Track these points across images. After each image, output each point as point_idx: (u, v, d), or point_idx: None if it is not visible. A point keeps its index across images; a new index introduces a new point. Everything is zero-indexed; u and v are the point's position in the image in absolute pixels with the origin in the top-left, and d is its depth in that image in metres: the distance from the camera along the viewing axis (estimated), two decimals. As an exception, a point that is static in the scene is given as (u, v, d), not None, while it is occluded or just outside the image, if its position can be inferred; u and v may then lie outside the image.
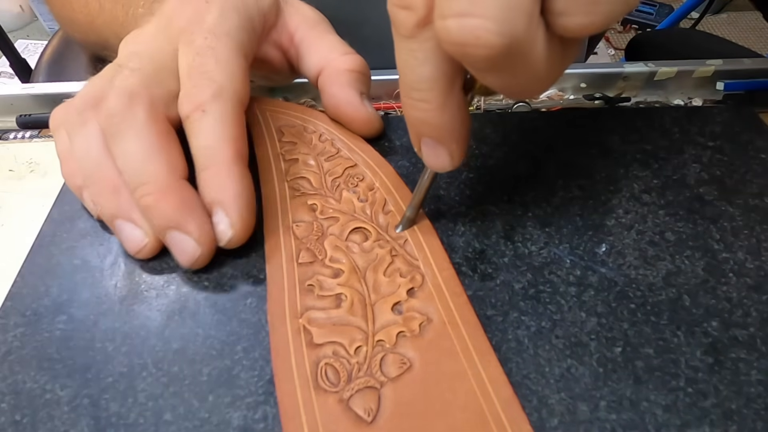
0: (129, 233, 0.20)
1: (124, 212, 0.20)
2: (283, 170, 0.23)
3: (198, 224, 0.19)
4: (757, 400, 0.16)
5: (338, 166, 0.23)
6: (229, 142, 0.20)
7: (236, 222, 0.19)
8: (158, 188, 0.19)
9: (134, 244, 0.20)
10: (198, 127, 0.20)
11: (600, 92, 0.31)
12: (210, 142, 0.20)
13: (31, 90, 0.30)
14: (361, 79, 0.24)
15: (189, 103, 0.20)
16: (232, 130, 0.20)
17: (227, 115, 0.20)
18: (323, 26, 0.25)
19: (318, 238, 0.20)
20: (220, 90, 0.20)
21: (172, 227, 0.19)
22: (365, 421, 0.15)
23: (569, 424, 0.16)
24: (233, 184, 0.19)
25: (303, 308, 0.18)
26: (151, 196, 0.19)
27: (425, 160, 0.18)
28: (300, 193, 0.22)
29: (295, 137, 0.24)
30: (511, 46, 0.13)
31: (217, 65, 0.21)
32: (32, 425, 0.16)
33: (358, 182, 0.22)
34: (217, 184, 0.19)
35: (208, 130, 0.20)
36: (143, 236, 0.20)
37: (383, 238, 0.20)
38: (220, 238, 0.19)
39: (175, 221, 0.19)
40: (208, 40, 0.21)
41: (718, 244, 0.20)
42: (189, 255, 0.19)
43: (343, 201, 0.22)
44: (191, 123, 0.20)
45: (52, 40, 0.61)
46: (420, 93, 0.16)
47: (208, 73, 0.21)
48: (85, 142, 0.20)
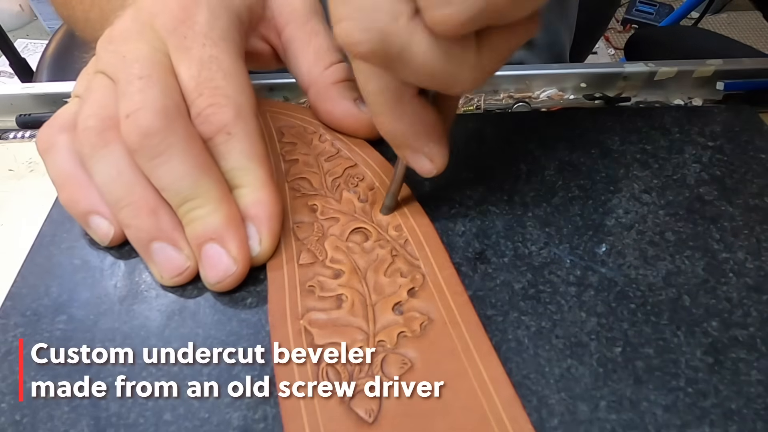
0: (169, 256, 0.19)
1: (165, 234, 0.19)
2: (283, 171, 0.23)
3: (239, 242, 0.19)
4: (757, 400, 0.16)
5: (338, 166, 0.23)
6: (260, 161, 0.20)
7: (265, 239, 0.19)
8: (210, 202, 0.18)
9: (174, 267, 0.19)
10: (226, 150, 0.19)
11: (600, 92, 0.31)
12: (243, 163, 0.19)
13: (31, 90, 0.30)
14: (349, 86, 0.24)
15: (210, 125, 0.19)
16: (262, 149, 0.20)
17: (254, 134, 0.20)
18: (312, 24, 0.24)
19: (318, 239, 0.20)
20: (239, 109, 0.20)
21: (213, 239, 0.18)
22: (366, 421, 0.15)
23: (569, 424, 0.16)
24: (270, 203, 0.19)
25: (304, 309, 0.18)
26: (203, 208, 0.18)
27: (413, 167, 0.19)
28: (300, 194, 0.22)
29: (295, 138, 0.24)
30: (382, 42, 0.15)
31: (227, 80, 0.20)
32: (32, 425, 0.16)
33: (359, 182, 0.22)
34: (255, 201, 0.19)
35: (238, 152, 0.19)
36: (185, 260, 0.19)
37: (384, 238, 0.20)
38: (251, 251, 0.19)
39: (219, 233, 0.18)
40: (206, 48, 0.20)
41: (718, 244, 0.20)
42: (221, 271, 0.18)
43: (343, 201, 0.22)
44: (216, 146, 0.19)
45: (55, 36, 0.61)
46: (375, 107, 0.17)
47: (220, 89, 0.19)
48: (113, 165, 0.19)
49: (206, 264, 0.19)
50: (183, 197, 0.18)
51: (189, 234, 0.19)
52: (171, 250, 0.19)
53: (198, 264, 0.19)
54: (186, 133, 0.19)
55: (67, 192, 0.20)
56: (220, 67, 0.20)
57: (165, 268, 0.19)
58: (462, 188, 0.23)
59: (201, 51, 0.20)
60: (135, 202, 0.19)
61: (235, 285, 0.19)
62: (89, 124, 0.19)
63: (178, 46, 0.20)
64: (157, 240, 0.19)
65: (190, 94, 0.19)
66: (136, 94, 0.18)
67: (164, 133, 0.18)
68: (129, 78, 0.19)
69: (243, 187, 0.19)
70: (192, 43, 0.20)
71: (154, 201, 0.19)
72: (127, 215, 0.19)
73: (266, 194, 0.19)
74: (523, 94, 0.32)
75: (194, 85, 0.19)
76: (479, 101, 0.31)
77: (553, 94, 0.31)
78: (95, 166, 0.19)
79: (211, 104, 0.19)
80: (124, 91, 0.19)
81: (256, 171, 0.19)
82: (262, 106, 0.26)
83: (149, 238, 0.19)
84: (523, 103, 0.31)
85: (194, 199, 0.18)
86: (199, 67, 0.20)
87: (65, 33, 0.61)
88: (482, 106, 0.31)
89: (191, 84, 0.19)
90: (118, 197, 0.19)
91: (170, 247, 0.19)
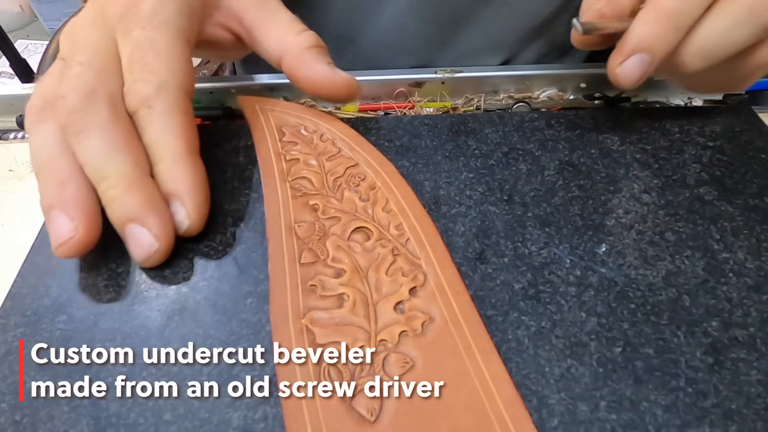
0: (59, 224, 0.19)
1: (64, 204, 0.19)
2: (284, 170, 0.23)
3: (159, 220, 0.19)
4: (757, 400, 0.16)
5: (340, 165, 0.23)
6: (178, 135, 0.20)
7: (192, 212, 0.20)
8: (122, 182, 0.19)
9: (61, 235, 0.19)
10: (146, 123, 0.20)
11: (600, 92, 0.31)
12: (159, 136, 0.20)
13: (31, 90, 0.30)
14: (323, 52, 0.24)
15: (133, 99, 0.20)
16: (180, 123, 0.20)
17: (173, 108, 0.20)
18: (271, 3, 0.25)
19: (320, 239, 0.20)
20: (162, 83, 0.20)
21: (133, 220, 0.19)
22: (368, 420, 0.15)
23: (569, 424, 0.16)
24: (187, 177, 0.20)
25: (305, 309, 0.18)
26: (116, 189, 0.19)
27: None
28: (301, 194, 0.22)
29: (296, 137, 0.24)
30: None
31: (157, 58, 0.21)
32: (32, 425, 0.16)
33: (360, 181, 0.22)
34: (171, 177, 0.20)
35: (156, 125, 0.20)
36: (72, 229, 0.19)
37: (385, 237, 0.20)
38: (178, 227, 0.20)
39: (136, 214, 0.19)
40: (145, 30, 0.21)
41: (718, 244, 0.20)
42: (145, 249, 0.19)
43: (344, 201, 0.22)
44: (139, 119, 0.20)
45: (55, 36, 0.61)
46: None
47: (148, 66, 0.21)
48: (42, 138, 0.20)
49: (131, 243, 0.19)
50: (99, 174, 0.19)
51: (111, 217, 0.20)
52: (64, 218, 0.19)
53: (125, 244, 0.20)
54: (109, 115, 0.20)
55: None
56: (153, 46, 0.21)
57: (53, 236, 0.19)
58: (462, 188, 0.23)
59: (140, 33, 0.21)
60: (49, 172, 0.20)
61: (163, 260, 0.20)
62: (34, 103, 0.21)
63: (122, 31, 0.21)
64: (54, 208, 0.19)
65: (125, 72, 0.21)
66: (72, 78, 0.20)
67: (86, 111, 0.20)
68: (71, 63, 0.21)
69: (161, 162, 0.20)
70: (134, 26, 0.21)
71: (67, 174, 0.20)
72: (41, 182, 0.20)
73: (182, 168, 0.20)
74: (523, 94, 0.32)
75: (128, 64, 0.21)
76: (479, 101, 0.31)
77: (553, 94, 0.31)
78: (31, 140, 0.21)
79: (137, 79, 0.20)
80: (65, 74, 0.21)
81: (172, 145, 0.20)
82: (263, 105, 0.26)
83: (49, 206, 0.20)
84: (523, 103, 0.31)
85: (109, 178, 0.19)
86: (134, 46, 0.21)
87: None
88: (482, 106, 0.31)
89: (126, 63, 0.21)
90: (39, 166, 0.20)
91: (64, 216, 0.19)
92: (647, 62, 0.21)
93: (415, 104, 0.30)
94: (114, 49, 0.21)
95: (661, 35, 0.21)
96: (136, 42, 0.21)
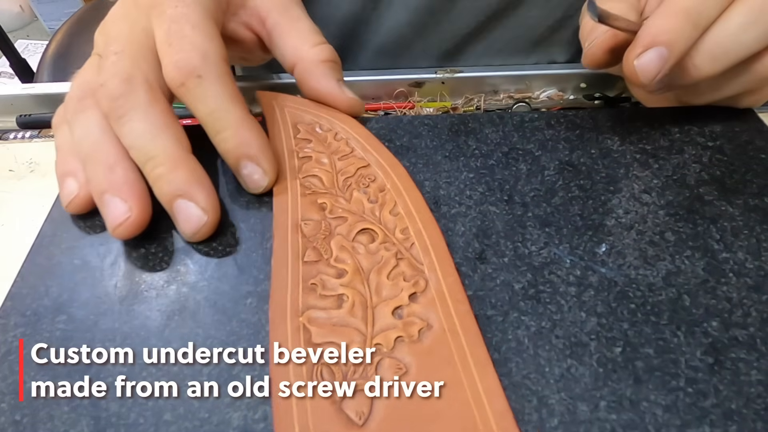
0: (114, 207, 0.20)
1: (115, 188, 0.20)
2: (296, 167, 0.23)
3: (206, 194, 0.20)
4: (757, 400, 0.16)
5: (351, 165, 0.23)
6: (236, 101, 0.21)
7: (269, 170, 0.21)
8: (169, 160, 0.20)
9: (117, 217, 0.20)
10: (199, 93, 0.21)
11: (600, 92, 0.31)
12: (219, 104, 0.21)
13: (31, 90, 0.30)
14: (335, 67, 0.25)
15: (180, 71, 0.21)
16: (234, 88, 0.21)
17: (224, 75, 0.21)
18: (294, 11, 0.26)
19: (325, 238, 0.20)
20: (206, 52, 0.21)
21: (181, 196, 0.20)
22: (356, 424, 0.15)
23: (569, 424, 0.16)
24: (255, 138, 0.21)
25: (304, 306, 0.18)
26: (163, 167, 0.20)
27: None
28: (311, 192, 0.22)
29: (310, 134, 0.24)
30: None
31: (194, 30, 0.21)
32: (32, 425, 0.16)
33: (370, 183, 0.22)
34: (240, 142, 0.21)
35: (212, 93, 0.21)
36: (126, 210, 0.20)
37: (390, 240, 0.20)
38: (257, 186, 0.21)
39: (184, 190, 0.20)
40: (179, 8, 0.22)
41: (718, 244, 0.20)
42: (194, 223, 0.20)
43: (353, 201, 0.22)
44: (188, 90, 0.21)
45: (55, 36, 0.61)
46: None
47: (187, 38, 0.21)
48: (85, 126, 0.21)
49: (179, 218, 0.20)
50: (145, 154, 0.20)
51: (158, 194, 0.20)
52: (118, 201, 0.20)
53: (173, 220, 0.20)
54: (147, 97, 0.20)
55: (59, 157, 0.22)
56: (189, 20, 0.21)
57: (109, 219, 0.20)
58: (462, 188, 0.23)
59: (174, 11, 0.22)
60: (97, 158, 0.20)
61: (210, 233, 0.20)
62: (73, 94, 0.22)
63: (157, 13, 0.22)
64: (107, 192, 0.20)
65: (163, 48, 0.21)
66: (110, 66, 0.21)
67: (127, 96, 0.20)
68: (107, 54, 0.21)
69: (225, 129, 0.21)
70: (167, 7, 0.22)
71: (113, 158, 0.20)
72: (89, 169, 0.21)
73: (249, 132, 0.21)
74: (523, 94, 0.32)
75: (165, 38, 0.21)
76: (479, 101, 0.31)
77: (553, 94, 0.32)
78: (74, 129, 0.21)
79: (180, 51, 0.21)
80: (102, 65, 0.21)
81: (233, 111, 0.21)
82: (281, 101, 0.26)
83: (101, 191, 0.20)
84: (523, 103, 0.31)
85: (155, 158, 0.20)
86: (171, 21, 0.21)
87: (65, 34, 0.61)
88: (482, 106, 0.31)
89: (164, 38, 0.21)
90: (85, 153, 0.21)
91: (117, 199, 0.20)
92: (665, 57, 0.21)
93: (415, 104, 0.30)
94: (146, 38, 0.22)
95: (680, 30, 0.21)
96: (172, 17, 0.21)
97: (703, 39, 0.21)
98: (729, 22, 0.21)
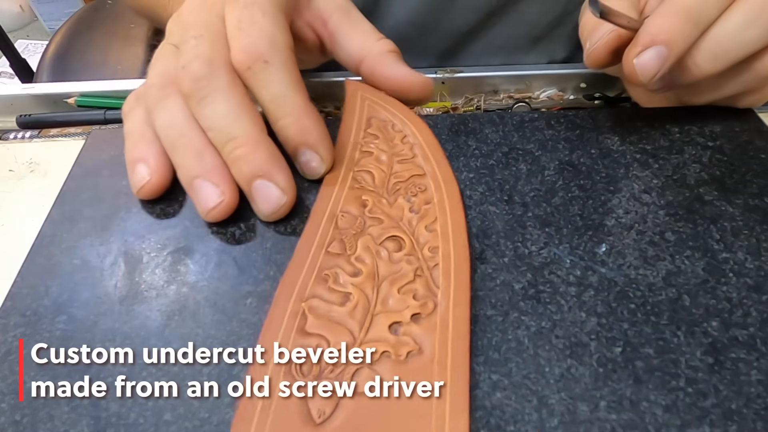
0: (207, 191, 0.20)
1: (206, 173, 0.20)
2: (354, 159, 0.23)
3: (284, 175, 0.20)
4: (757, 400, 0.16)
5: (407, 171, 0.23)
6: (299, 89, 0.21)
7: (327, 158, 0.22)
8: (249, 141, 0.20)
9: (210, 201, 0.20)
10: (264, 78, 0.21)
11: (600, 92, 0.31)
12: (282, 91, 0.21)
13: (31, 90, 0.30)
14: (400, 56, 0.26)
15: (248, 55, 0.21)
16: (298, 77, 0.22)
17: (290, 62, 0.21)
18: (355, 13, 0.27)
19: (355, 234, 0.20)
20: (274, 39, 0.21)
21: (261, 176, 0.20)
22: (314, 421, 0.15)
23: (569, 424, 0.16)
24: (315, 127, 0.21)
25: (311, 294, 0.18)
26: (244, 148, 0.20)
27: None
28: (359, 186, 0.22)
29: (380, 131, 0.24)
30: None
31: (265, 17, 0.22)
32: (32, 425, 0.16)
33: (418, 192, 0.22)
34: (300, 129, 0.21)
35: (276, 80, 0.21)
36: (220, 194, 0.20)
37: (415, 255, 0.20)
38: (314, 173, 0.22)
39: (264, 170, 0.20)
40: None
41: (718, 244, 0.20)
42: (274, 203, 0.20)
43: (395, 206, 0.21)
44: (254, 74, 0.21)
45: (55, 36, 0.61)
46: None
47: (257, 23, 0.21)
48: (169, 113, 0.21)
49: (258, 198, 0.20)
50: (226, 135, 0.20)
51: (237, 174, 0.20)
52: (209, 186, 0.20)
53: (250, 200, 0.21)
54: (228, 79, 0.21)
55: (127, 145, 0.22)
56: (261, 8, 0.22)
57: (202, 203, 0.20)
58: (462, 188, 0.22)
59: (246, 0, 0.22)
60: (185, 144, 0.21)
61: (287, 213, 0.21)
62: (153, 82, 0.22)
63: (230, 1, 0.23)
64: (198, 177, 0.20)
65: (233, 33, 0.22)
66: (190, 50, 0.21)
67: (209, 78, 0.21)
68: (185, 39, 0.22)
69: (287, 116, 0.21)
70: None
71: (201, 144, 0.21)
72: (178, 155, 0.21)
73: (309, 120, 0.21)
74: (523, 94, 0.32)
75: (236, 23, 0.22)
76: (479, 101, 0.31)
77: (553, 94, 0.32)
78: (157, 116, 0.22)
79: (249, 35, 0.21)
80: (182, 50, 0.22)
81: (296, 99, 0.21)
82: (364, 92, 0.26)
83: (192, 176, 0.21)
84: (523, 103, 0.31)
85: (235, 138, 0.20)
86: (243, 8, 0.22)
87: (65, 34, 0.61)
88: (482, 106, 0.31)
89: (235, 23, 0.22)
90: (172, 140, 0.21)
91: (209, 183, 0.20)
92: (664, 56, 0.21)
93: (415, 104, 0.30)
94: (220, 25, 0.22)
95: (680, 29, 0.21)
96: (245, 4, 0.22)
97: (704, 38, 0.21)
98: (730, 21, 0.21)
